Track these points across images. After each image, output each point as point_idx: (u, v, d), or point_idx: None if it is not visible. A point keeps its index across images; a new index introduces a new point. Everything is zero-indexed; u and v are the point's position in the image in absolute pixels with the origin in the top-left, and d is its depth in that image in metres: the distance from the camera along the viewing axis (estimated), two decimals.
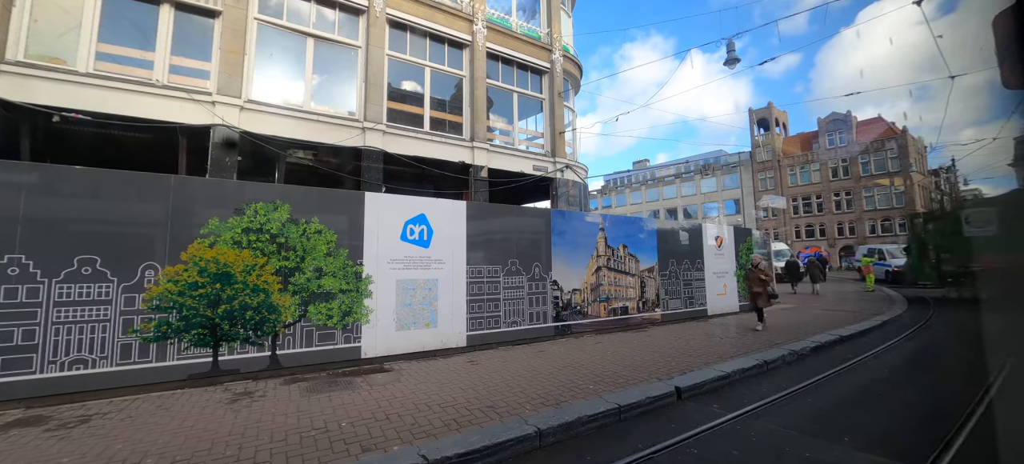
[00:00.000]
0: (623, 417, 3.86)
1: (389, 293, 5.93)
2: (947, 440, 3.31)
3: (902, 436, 3.58)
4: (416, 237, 6.22)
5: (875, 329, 8.70)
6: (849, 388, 4.92)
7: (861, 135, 40.13)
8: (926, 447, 3.22)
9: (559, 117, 13.92)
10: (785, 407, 4.24)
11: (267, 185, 5.51)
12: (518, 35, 13.38)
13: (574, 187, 14.14)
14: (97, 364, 4.40)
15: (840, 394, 4.69)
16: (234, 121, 8.82)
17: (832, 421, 3.89)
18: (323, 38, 10.28)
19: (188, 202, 4.93)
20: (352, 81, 10.62)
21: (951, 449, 3.18)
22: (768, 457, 3.20)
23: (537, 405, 3.93)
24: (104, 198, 4.57)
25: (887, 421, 3.89)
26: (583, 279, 7.94)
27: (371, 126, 10.24)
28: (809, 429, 3.69)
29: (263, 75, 9.60)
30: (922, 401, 4.52)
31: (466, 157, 11.76)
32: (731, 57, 10.39)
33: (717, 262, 10.68)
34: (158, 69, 8.59)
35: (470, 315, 6.59)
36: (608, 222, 8.62)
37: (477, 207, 6.99)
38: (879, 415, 4.03)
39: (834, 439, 3.46)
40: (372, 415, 3.69)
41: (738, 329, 8.36)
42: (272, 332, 5.19)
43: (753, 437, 3.51)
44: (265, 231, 5.26)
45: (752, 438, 3.50)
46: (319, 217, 5.57)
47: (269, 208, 5.31)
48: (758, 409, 4.12)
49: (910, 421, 3.95)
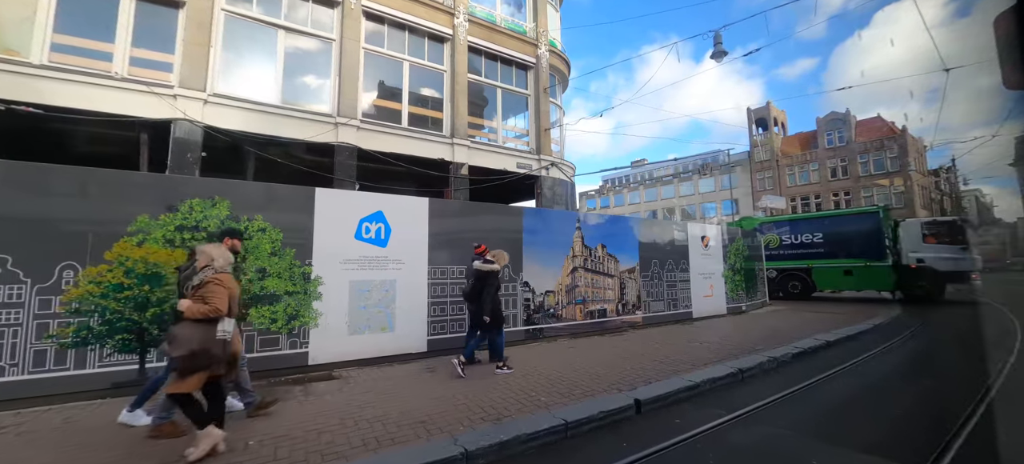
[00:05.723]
0: (570, 434, 3.49)
1: (341, 295, 5.56)
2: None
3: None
4: (372, 236, 5.86)
5: (866, 333, 8.32)
6: (831, 399, 4.55)
7: (860, 135, 39.67)
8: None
9: (545, 113, 13.56)
10: (756, 422, 3.87)
11: (205, 179, 5.17)
12: (502, 29, 13.02)
13: (560, 186, 13.77)
14: (6, 372, 4.04)
15: (820, 407, 4.31)
16: (197, 115, 8.47)
17: (808, 440, 3.51)
18: (295, 30, 9.94)
19: (114, 197, 4.58)
20: (326, 75, 10.27)
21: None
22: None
23: (477, 420, 3.56)
24: (17, 192, 4.22)
25: (872, 438, 3.50)
26: (558, 280, 7.57)
27: (344, 122, 9.89)
28: (779, 450, 3.31)
29: (230, 68, 9.25)
30: (915, 412, 4.14)
31: (446, 154, 11.40)
32: (718, 50, 10.02)
33: (704, 263, 10.30)
34: (118, 61, 8.26)
35: (432, 318, 6.23)
36: (586, 221, 8.25)
37: (442, 204, 6.63)
38: (863, 431, 3.65)
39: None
40: (288, 433, 3.33)
41: (722, 333, 7.98)
42: None
43: (711, 461, 3.14)
44: (202, 229, 4.90)
45: (710, 462, 3.13)
46: (264, 214, 5.21)
47: (206, 204, 4.95)
48: (724, 424, 3.74)
49: (901, 438, 3.55)
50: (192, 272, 3.11)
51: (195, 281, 3.02)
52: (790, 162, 43.41)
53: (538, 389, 4.43)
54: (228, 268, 3.19)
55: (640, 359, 5.86)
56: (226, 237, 3.91)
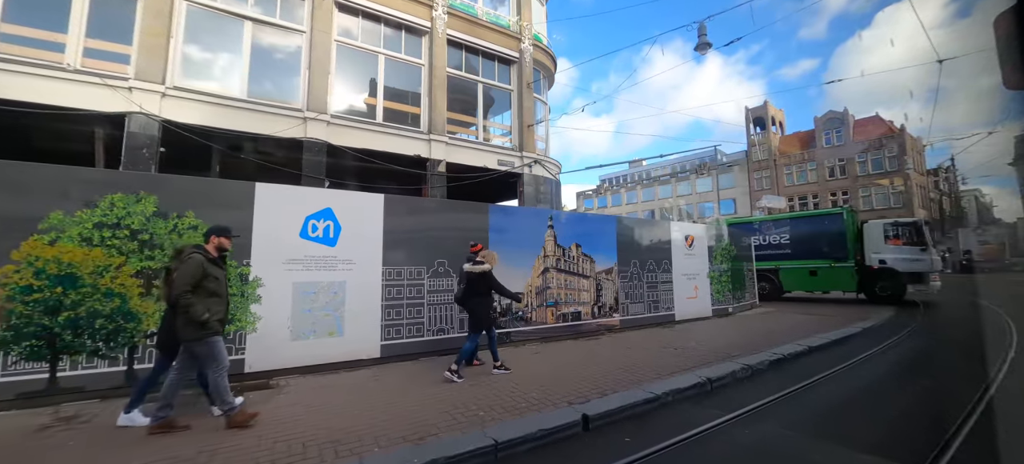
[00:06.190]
0: (501, 456, 3.12)
1: (284, 298, 5.19)
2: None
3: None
4: (320, 234, 5.49)
5: (855, 336, 7.94)
6: (805, 414, 4.16)
7: (859, 134, 39.23)
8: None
9: (528, 110, 13.18)
10: (716, 439, 3.49)
11: (130, 173, 4.81)
12: (484, 22, 12.64)
13: (545, 184, 13.39)
14: None
15: (791, 422, 3.93)
16: (154, 109, 8.11)
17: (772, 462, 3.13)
18: (262, 22, 9.57)
19: (23, 192, 4.21)
20: (296, 68, 9.90)
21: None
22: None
23: (396, 439, 3.19)
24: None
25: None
26: (527, 281, 7.19)
27: (314, 116, 9.52)
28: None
29: (192, 60, 8.89)
30: (901, 431, 3.75)
31: (423, 150, 11.03)
32: (702, 42, 9.63)
33: (687, 263, 9.91)
34: (71, 52, 7.89)
35: (386, 322, 5.85)
36: (559, 219, 7.87)
37: (399, 200, 6.25)
38: (837, 458, 3.26)
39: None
40: (176, 456, 2.96)
41: (701, 336, 7.59)
42: (129, 343, 4.46)
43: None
44: (124, 226, 4.54)
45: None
46: (196, 211, 4.84)
47: (130, 200, 4.58)
48: (677, 445, 3.36)
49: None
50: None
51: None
52: (788, 161, 42.99)
53: (481, 401, 4.06)
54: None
55: (606, 365, 5.49)
56: (212, 236, 3.78)
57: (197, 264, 3.47)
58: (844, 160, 39.30)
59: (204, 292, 3.48)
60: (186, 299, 3.35)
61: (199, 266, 3.46)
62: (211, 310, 3.47)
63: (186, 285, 3.37)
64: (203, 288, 3.48)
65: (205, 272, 3.50)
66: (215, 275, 3.60)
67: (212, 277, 3.55)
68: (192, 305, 3.37)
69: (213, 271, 3.58)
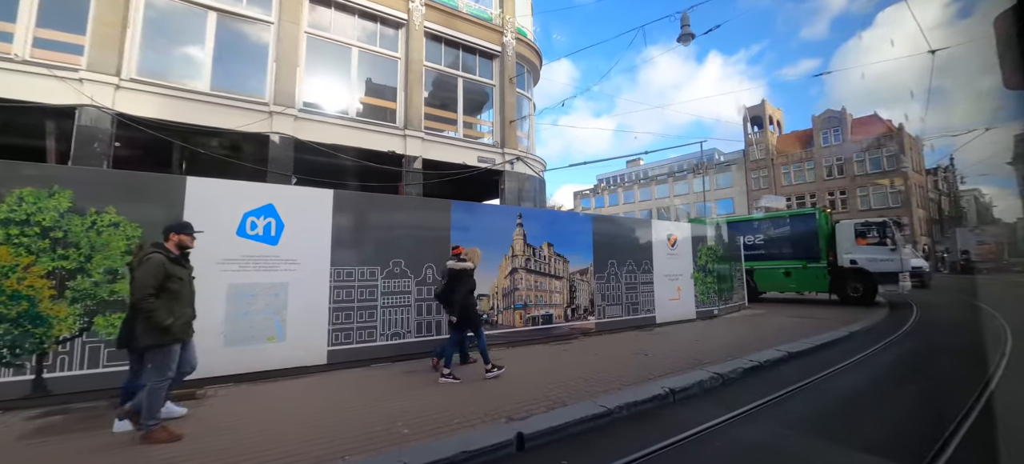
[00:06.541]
0: None
1: (217, 301, 4.82)
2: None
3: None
4: (260, 232, 5.12)
5: (841, 341, 7.56)
6: (773, 428, 3.78)
7: (857, 133, 38.81)
8: None
9: (511, 105, 12.80)
10: (668, 462, 3.12)
11: (41, 165, 4.45)
12: (464, 14, 12.26)
13: (528, 181, 13.02)
14: None
15: (757, 438, 3.56)
16: (107, 101, 7.74)
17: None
18: (227, 12, 9.20)
19: None
20: (263, 61, 9.53)
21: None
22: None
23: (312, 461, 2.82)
24: None
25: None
26: (493, 283, 6.83)
27: (280, 111, 9.16)
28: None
29: (150, 51, 8.51)
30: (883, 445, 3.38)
31: (397, 146, 10.66)
32: (685, 33, 9.25)
33: (670, 263, 9.54)
34: (19, 42, 7.53)
35: (334, 326, 5.48)
36: (529, 217, 7.50)
37: (350, 196, 5.89)
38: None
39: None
40: None
41: (678, 341, 7.22)
42: (38, 350, 4.10)
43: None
44: (34, 223, 4.17)
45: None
46: (118, 207, 4.48)
47: (41, 195, 4.22)
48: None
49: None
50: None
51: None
52: (786, 161, 42.58)
53: (410, 414, 3.69)
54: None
55: (566, 372, 5.12)
56: (172, 233, 3.52)
57: (157, 264, 3.20)
58: (842, 160, 38.90)
59: (168, 294, 3.22)
60: (148, 304, 3.10)
61: (160, 266, 3.21)
62: (175, 314, 3.22)
63: (149, 289, 3.11)
64: (167, 290, 3.22)
65: (167, 273, 3.23)
66: (179, 275, 3.34)
67: (176, 278, 3.30)
68: (155, 311, 3.10)
69: (176, 271, 3.33)
